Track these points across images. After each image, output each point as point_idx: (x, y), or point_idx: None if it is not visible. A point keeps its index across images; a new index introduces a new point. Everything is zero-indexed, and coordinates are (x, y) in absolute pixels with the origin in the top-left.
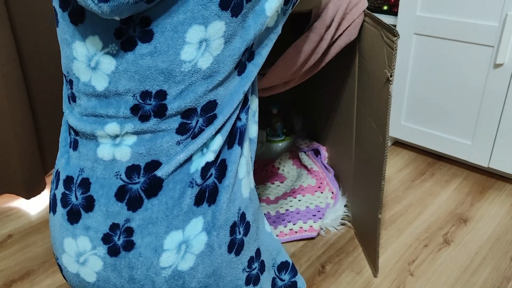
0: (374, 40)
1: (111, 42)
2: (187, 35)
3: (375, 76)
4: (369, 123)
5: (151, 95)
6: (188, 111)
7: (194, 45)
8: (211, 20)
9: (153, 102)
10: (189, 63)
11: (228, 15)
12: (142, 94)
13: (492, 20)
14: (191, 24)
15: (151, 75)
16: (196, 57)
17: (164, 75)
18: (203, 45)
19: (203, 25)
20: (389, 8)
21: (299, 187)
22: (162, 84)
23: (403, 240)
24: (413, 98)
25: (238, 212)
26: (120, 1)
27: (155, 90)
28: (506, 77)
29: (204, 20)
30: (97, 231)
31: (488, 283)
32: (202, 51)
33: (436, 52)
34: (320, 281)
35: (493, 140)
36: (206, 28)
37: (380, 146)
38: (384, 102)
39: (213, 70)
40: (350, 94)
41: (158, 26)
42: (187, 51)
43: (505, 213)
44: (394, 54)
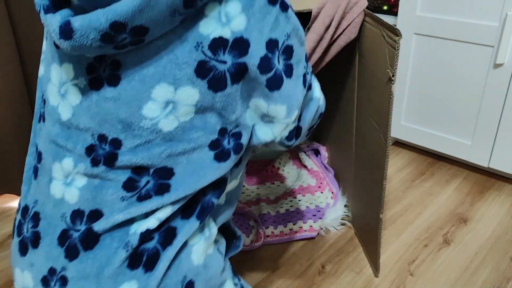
0: (375, 40)
1: (82, 75)
2: (153, 91)
3: (376, 75)
4: (370, 123)
5: (107, 140)
6: (140, 168)
7: (159, 103)
8: (183, 83)
9: (107, 148)
10: (150, 120)
11: (204, 85)
12: (100, 136)
13: (492, 20)
14: (160, 81)
15: (110, 120)
16: (158, 116)
17: (123, 125)
18: (169, 106)
19: (173, 85)
20: (389, 8)
21: (299, 187)
22: (119, 133)
23: (403, 240)
24: (413, 98)
25: (183, 281)
26: (81, 42)
27: (111, 137)
28: (506, 77)
29: (175, 81)
30: (39, 271)
31: (488, 283)
32: (166, 112)
33: (436, 52)
34: (320, 281)
35: (493, 140)
36: (176, 90)
37: (381, 146)
38: (386, 102)
39: (175, 135)
40: (350, 94)
41: (126, 73)
42: (150, 107)
43: (505, 213)
44: (397, 54)
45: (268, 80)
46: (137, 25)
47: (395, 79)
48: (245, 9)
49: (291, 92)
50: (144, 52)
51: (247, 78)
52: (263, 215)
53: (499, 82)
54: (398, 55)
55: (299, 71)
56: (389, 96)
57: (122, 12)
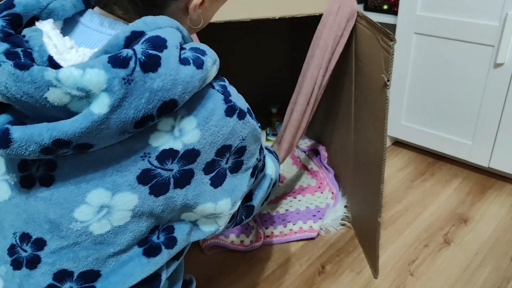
0: (371, 44)
1: (13, 172)
2: (88, 195)
3: (372, 79)
4: (367, 126)
5: (30, 240)
6: (63, 272)
7: (92, 207)
8: (122, 189)
9: (28, 249)
10: (80, 223)
11: (145, 190)
12: (22, 236)
13: (493, 19)
14: (97, 186)
15: (38, 219)
16: (90, 219)
17: (50, 225)
18: (103, 210)
19: (111, 191)
20: (389, 8)
21: (299, 187)
22: (45, 233)
23: (403, 240)
24: (413, 98)
25: None
26: (18, 152)
27: (35, 236)
28: (507, 77)
29: (114, 187)
30: None
31: (488, 283)
32: (100, 217)
33: (436, 52)
34: (320, 281)
35: (493, 140)
36: (113, 196)
37: (378, 149)
38: (382, 106)
39: (106, 239)
40: (348, 96)
41: (61, 175)
42: (82, 210)
43: (505, 213)
44: (391, 59)
45: (211, 178)
46: (82, 142)
47: (390, 84)
48: (200, 124)
49: (236, 184)
50: (85, 157)
51: (194, 183)
52: (263, 215)
53: (499, 81)
54: (392, 60)
55: (250, 164)
56: (384, 101)
57: (68, 132)
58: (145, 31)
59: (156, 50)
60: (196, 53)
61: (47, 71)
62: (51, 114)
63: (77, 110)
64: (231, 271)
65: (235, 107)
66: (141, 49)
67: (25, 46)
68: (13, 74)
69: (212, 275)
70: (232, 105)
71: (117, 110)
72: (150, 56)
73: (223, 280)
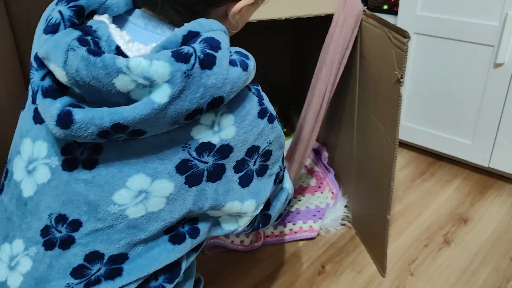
0: (379, 42)
1: (55, 155)
2: (129, 179)
3: (381, 77)
4: (374, 125)
5: (65, 221)
6: (94, 254)
7: (132, 191)
8: (161, 176)
9: (63, 230)
10: (118, 206)
11: (182, 180)
12: (58, 217)
13: (492, 19)
14: (139, 172)
15: (77, 201)
16: (128, 203)
17: (89, 207)
18: (141, 195)
19: (151, 177)
20: (389, 8)
21: (299, 187)
22: (82, 214)
23: (403, 240)
24: (414, 97)
25: None
26: (77, 133)
27: (72, 218)
28: (506, 77)
29: (154, 173)
30: None
31: (488, 283)
32: (137, 201)
33: (436, 52)
34: (320, 281)
35: (493, 140)
36: (152, 182)
37: (389, 147)
38: (394, 104)
39: (139, 223)
40: (351, 95)
41: (105, 159)
42: (122, 194)
43: (505, 213)
44: (405, 56)
45: (240, 177)
46: (137, 128)
47: (403, 80)
48: (237, 122)
49: (261, 188)
50: (131, 143)
51: (224, 179)
52: None
53: (499, 81)
54: (406, 56)
55: (273, 170)
56: (397, 98)
57: (129, 117)
58: (200, 32)
59: (212, 50)
60: (241, 57)
61: (119, 59)
62: (112, 100)
63: (137, 98)
64: (231, 271)
65: (267, 111)
66: (200, 48)
67: (94, 35)
68: (86, 59)
69: (212, 275)
70: (265, 108)
71: (175, 101)
72: (207, 55)
73: (223, 280)
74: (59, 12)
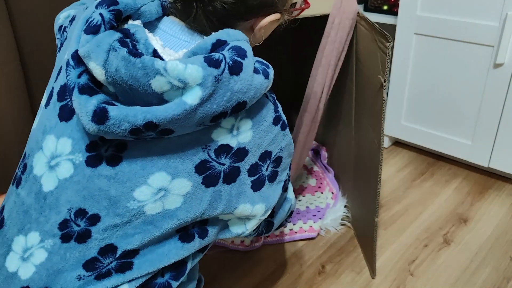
0: (369, 44)
1: (79, 151)
2: (151, 177)
3: (370, 80)
4: (366, 127)
5: (85, 215)
6: (107, 248)
7: (152, 188)
8: (180, 175)
9: (82, 224)
10: (137, 202)
11: (199, 180)
12: (78, 211)
13: (492, 20)
14: (161, 170)
15: (98, 196)
16: (147, 200)
17: (109, 202)
18: (160, 193)
19: (171, 175)
20: (389, 8)
21: (299, 187)
22: (102, 209)
23: (403, 240)
24: (413, 98)
25: None
26: (110, 129)
27: (91, 212)
28: (506, 77)
29: (175, 172)
30: None
31: (488, 283)
32: (156, 198)
33: (436, 52)
34: (320, 281)
35: (493, 140)
36: (172, 180)
37: (376, 150)
38: (379, 107)
39: (155, 220)
40: (348, 96)
41: (129, 156)
42: (143, 190)
43: (505, 213)
44: (388, 60)
45: (252, 181)
46: (167, 128)
47: (387, 84)
48: (254, 127)
49: (270, 193)
50: (155, 142)
51: (238, 181)
52: None
53: (499, 82)
54: (389, 61)
55: (282, 177)
56: (381, 102)
57: (161, 116)
58: (228, 40)
59: (240, 57)
60: (263, 66)
61: (157, 61)
62: (146, 99)
63: (169, 99)
64: (231, 271)
65: (281, 118)
66: (229, 55)
67: (132, 38)
68: (126, 59)
69: (212, 275)
70: (279, 115)
71: (205, 103)
72: (236, 62)
73: (223, 280)
74: (100, 15)
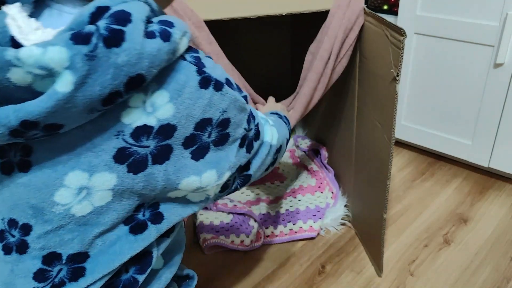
0: (378, 40)
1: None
2: (66, 178)
3: (379, 75)
4: (372, 123)
5: (17, 225)
6: (51, 256)
7: (71, 190)
8: (98, 169)
9: (16, 234)
10: (62, 206)
11: (123, 169)
12: (10, 221)
13: (492, 19)
14: (74, 168)
15: (21, 205)
16: (71, 202)
17: (34, 210)
18: (82, 193)
19: (88, 172)
20: (389, 8)
21: (299, 187)
22: (30, 218)
23: (403, 240)
24: (413, 98)
25: None
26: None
27: (21, 222)
28: (506, 77)
29: (90, 168)
30: None
31: (488, 283)
32: (80, 198)
33: (436, 52)
34: (320, 281)
35: (493, 140)
36: (91, 177)
37: (385, 145)
38: (390, 102)
39: (89, 220)
40: (351, 95)
41: (37, 160)
42: (62, 193)
43: (505, 213)
44: (401, 54)
45: (192, 152)
46: (50, 123)
47: (399, 78)
48: (173, 98)
49: (221, 156)
50: (58, 139)
51: (173, 158)
52: (263, 215)
53: (499, 82)
54: (402, 54)
55: (237, 135)
56: (393, 96)
57: (34, 112)
58: (111, 5)
59: (119, 24)
60: (164, 26)
61: (7, 51)
62: (18, 95)
63: (42, 90)
64: (231, 271)
65: (210, 78)
66: (104, 24)
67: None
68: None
69: (212, 275)
70: (207, 76)
71: (82, 87)
72: (113, 31)
73: (223, 280)
74: None
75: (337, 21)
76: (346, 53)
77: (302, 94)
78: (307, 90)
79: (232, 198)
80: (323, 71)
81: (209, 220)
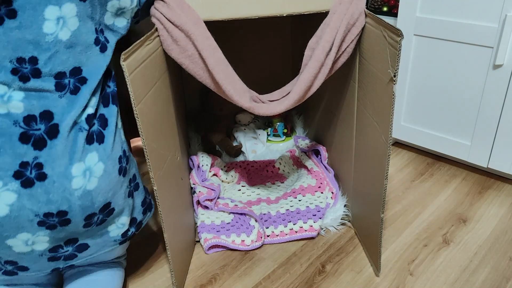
0: (376, 41)
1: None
2: (45, 13)
3: (378, 76)
4: (371, 124)
5: (25, 61)
6: (59, 74)
7: (52, 21)
8: (63, 2)
9: (28, 66)
10: (51, 35)
11: None
12: (18, 60)
13: (492, 21)
14: (47, 5)
15: (22, 44)
16: (56, 30)
17: (33, 45)
18: (60, 21)
19: (57, 5)
20: (389, 9)
21: (299, 187)
22: (32, 51)
23: (402, 240)
24: (413, 98)
25: (121, 149)
26: None
27: (27, 57)
28: (505, 78)
29: (58, 2)
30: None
31: (487, 282)
32: (60, 26)
33: (435, 53)
34: (320, 281)
35: (492, 140)
36: (60, 8)
37: (382, 145)
38: (388, 102)
39: (72, 42)
40: (351, 95)
41: (19, 6)
42: (47, 25)
43: (504, 213)
44: (398, 54)
45: None
46: None
47: (396, 79)
48: None
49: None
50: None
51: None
52: (263, 215)
53: (498, 83)
54: (399, 55)
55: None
56: (390, 97)
57: None
58: None
59: None
60: None
61: None
62: None
63: None
64: (231, 270)
65: None
66: None
67: None
68: None
69: (212, 274)
70: None
71: None
72: None
73: (223, 280)
74: None
75: (339, 16)
76: (347, 48)
77: (302, 79)
78: (308, 75)
79: (233, 199)
80: (324, 60)
81: (210, 220)
